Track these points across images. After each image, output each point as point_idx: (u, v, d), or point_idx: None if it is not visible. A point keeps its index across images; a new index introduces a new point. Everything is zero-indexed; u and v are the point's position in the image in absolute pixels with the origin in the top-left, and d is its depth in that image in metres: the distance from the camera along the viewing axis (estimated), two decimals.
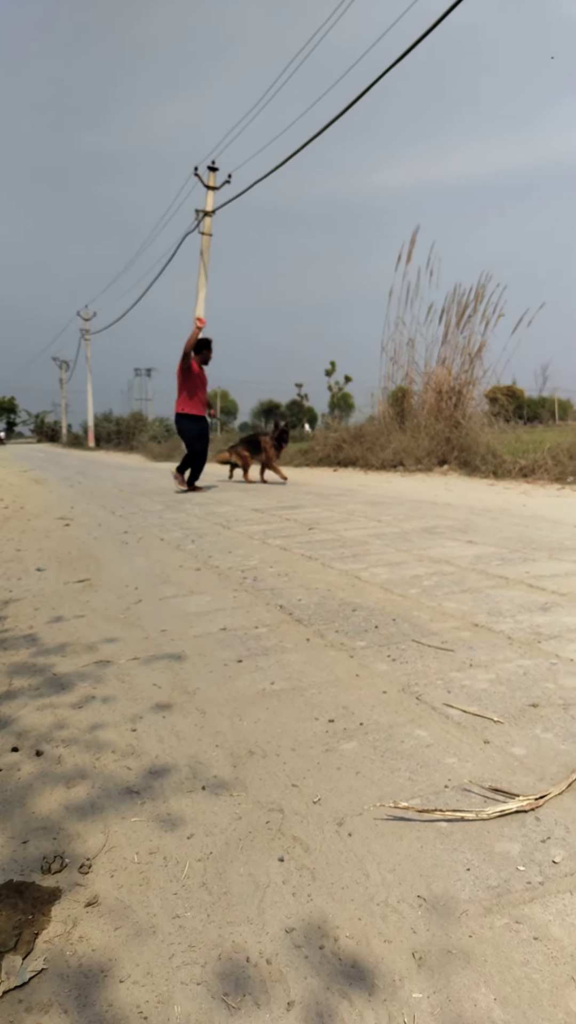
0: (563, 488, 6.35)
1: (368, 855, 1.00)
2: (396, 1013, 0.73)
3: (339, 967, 0.79)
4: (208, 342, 7.39)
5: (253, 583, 2.81)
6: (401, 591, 2.58)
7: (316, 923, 0.86)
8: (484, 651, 1.87)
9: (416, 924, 0.85)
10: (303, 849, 1.02)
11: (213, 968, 0.80)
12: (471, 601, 2.39)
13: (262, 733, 1.43)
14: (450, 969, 0.78)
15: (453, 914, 0.87)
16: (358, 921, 0.86)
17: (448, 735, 1.38)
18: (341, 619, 2.24)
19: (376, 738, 1.38)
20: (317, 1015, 0.73)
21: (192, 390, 7.31)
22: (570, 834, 1.03)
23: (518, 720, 1.43)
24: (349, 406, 22.03)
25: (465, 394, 9.69)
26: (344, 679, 1.71)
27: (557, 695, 1.55)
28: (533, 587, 2.55)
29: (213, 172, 18.57)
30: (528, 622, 2.11)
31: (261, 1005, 0.74)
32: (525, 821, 1.07)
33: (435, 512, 4.97)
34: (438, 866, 0.97)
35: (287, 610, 2.38)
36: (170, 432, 26.18)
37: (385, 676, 1.72)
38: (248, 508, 5.60)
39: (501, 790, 1.15)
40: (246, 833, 1.07)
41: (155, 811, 1.14)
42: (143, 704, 1.60)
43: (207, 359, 7.48)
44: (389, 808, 1.11)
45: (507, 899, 0.89)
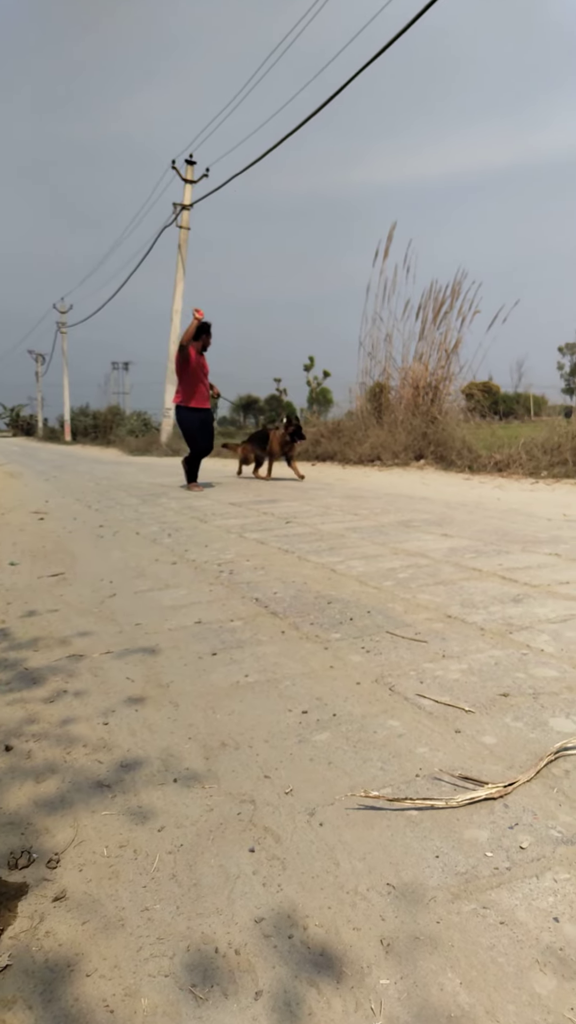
0: (537, 482, 6.42)
1: (339, 844, 1.00)
2: (363, 999, 0.73)
3: (308, 956, 0.79)
4: (207, 326, 6.94)
5: (229, 576, 2.81)
6: (376, 583, 2.59)
7: (286, 913, 0.86)
8: (457, 642, 1.89)
9: (385, 911, 0.86)
10: (274, 839, 1.02)
11: (181, 960, 0.79)
12: (445, 593, 2.41)
13: (235, 725, 1.42)
14: (417, 955, 0.78)
15: (421, 901, 0.87)
16: (327, 910, 0.87)
17: (420, 725, 1.39)
18: (316, 611, 2.25)
19: (349, 729, 1.38)
20: (285, 1004, 0.73)
21: (191, 381, 6.87)
22: (537, 820, 1.04)
23: (489, 709, 1.45)
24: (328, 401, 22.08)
25: (441, 390, 9.75)
26: (318, 671, 1.71)
27: (527, 684, 1.57)
28: (506, 579, 2.57)
29: (191, 166, 18.43)
30: (500, 613, 2.13)
31: (229, 995, 0.74)
32: (494, 808, 1.08)
33: (411, 506, 4.99)
34: (408, 854, 0.97)
35: (263, 603, 2.37)
36: (148, 426, 26.02)
37: (359, 667, 1.72)
38: (226, 502, 5.58)
39: (471, 778, 1.16)
40: (217, 825, 1.06)
41: (126, 804, 1.13)
42: (116, 698, 1.59)
43: (206, 345, 7.01)
44: (360, 797, 1.12)
45: (475, 885, 0.90)
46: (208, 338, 6.93)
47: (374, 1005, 0.72)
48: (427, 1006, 0.71)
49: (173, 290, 18.56)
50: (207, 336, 6.92)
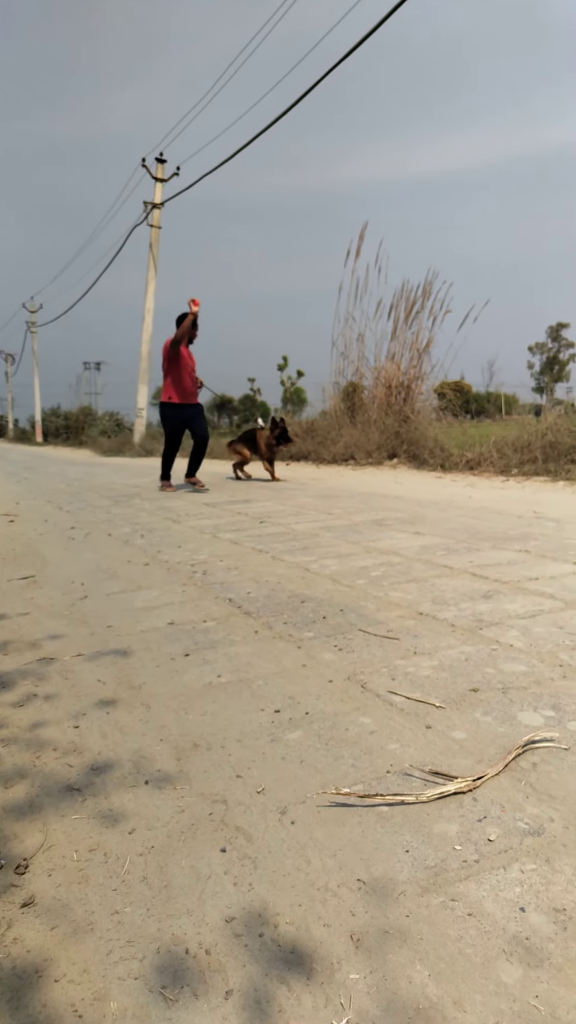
0: (507, 480, 6.51)
1: (310, 842, 1.01)
2: (333, 995, 0.73)
3: (278, 953, 0.79)
4: (193, 316, 6.59)
5: (202, 577, 2.80)
6: (349, 582, 2.61)
7: (256, 911, 0.86)
8: (428, 639, 1.90)
9: (355, 907, 0.86)
10: (246, 839, 1.02)
11: (151, 962, 0.79)
12: (417, 590, 2.43)
13: (208, 726, 1.42)
14: (387, 949, 0.79)
15: (391, 895, 0.88)
16: (298, 907, 0.87)
17: (391, 721, 1.40)
18: (290, 611, 2.25)
19: (321, 727, 1.39)
20: (255, 1002, 0.73)
21: (178, 376, 6.53)
22: (505, 813, 1.06)
23: (459, 705, 1.46)
24: (302, 401, 22.10)
25: (414, 389, 9.83)
26: (291, 670, 1.72)
27: (497, 680, 1.59)
28: (476, 576, 2.60)
29: (161, 164, 18.31)
30: (471, 610, 2.16)
31: (199, 996, 0.74)
32: (463, 802, 1.09)
33: (384, 505, 5.03)
34: (378, 849, 0.98)
35: (236, 603, 2.37)
36: (120, 427, 25.80)
37: (331, 666, 1.73)
38: (199, 502, 5.56)
39: (441, 773, 1.17)
40: (189, 826, 1.06)
41: (96, 808, 1.12)
42: (87, 701, 1.57)
43: (193, 337, 6.71)
44: (331, 795, 1.12)
45: (443, 878, 0.91)
46: (195, 330, 6.65)
47: (343, 1000, 0.72)
48: (396, 999, 0.72)
49: (145, 289, 18.43)
50: (193, 328, 6.64)
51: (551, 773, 1.17)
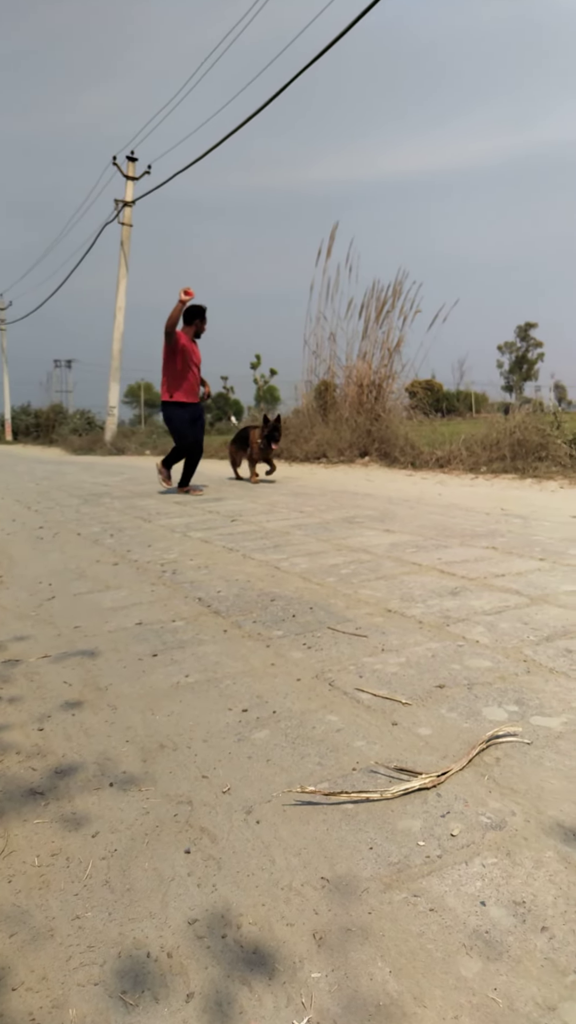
0: (476, 477, 6.59)
1: (275, 841, 1.00)
2: (295, 994, 0.73)
3: (241, 954, 0.79)
4: (201, 311, 6.01)
5: (172, 576, 2.78)
6: (319, 580, 2.61)
7: (220, 912, 0.86)
8: (396, 636, 1.92)
9: (318, 905, 0.87)
10: (210, 840, 1.01)
11: (112, 967, 0.78)
12: (385, 588, 2.44)
13: (174, 726, 1.41)
14: (349, 946, 0.79)
15: (354, 893, 0.89)
16: (262, 907, 0.87)
17: (358, 719, 1.40)
18: (259, 609, 2.25)
19: (288, 725, 1.39)
20: (216, 1004, 0.73)
21: (179, 372, 5.94)
22: (468, 808, 1.07)
23: (425, 701, 1.48)
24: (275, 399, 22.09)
25: (385, 388, 9.88)
26: (259, 669, 1.71)
27: (463, 676, 1.61)
28: (444, 573, 2.63)
29: (132, 162, 18.14)
30: (438, 606, 2.18)
31: (160, 999, 0.73)
32: (427, 798, 1.10)
33: (355, 502, 5.05)
34: (342, 847, 0.98)
35: (205, 602, 2.36)
36: (92, 425, 25.51)
37: (300, 664, 1.73)
38: (170, 501, 5.52)
39: (406, 769, 1.18)
40: (153, 828, 1.05)
41: (59, 811, 1.11)
42: (52, 703, 1.55)
43: (200, 331, 6.06)
44: (297, 793, 1.12)
45: (406, 874, 0.92)
46: (202, 323, 6.07)
47: (305, 999, 0.72)
48: (357, 996, 0.72)
49: (116, 287, 18.26)
50: (201, 321, 6.04)
51: (514, 767, 1.19)
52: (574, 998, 0.71)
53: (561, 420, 7.35)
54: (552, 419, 7.33)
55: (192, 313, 6.01)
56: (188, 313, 6.02)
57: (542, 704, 1.44)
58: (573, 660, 1.68)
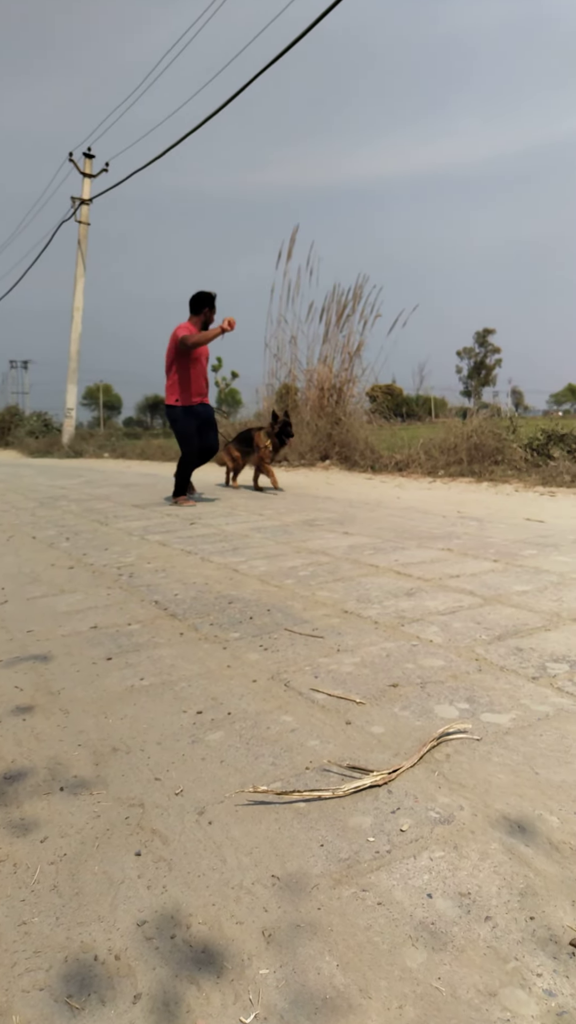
0: (434, 481, 6.69)
1: (226, 841, 1.01)
2: (242, 991, 0.74)
3: (189, 954, 0.79)
4: (211, 298, 5.33)
5: (129, 580, 2.75)
6: (277, 582, 2.62)
7: (169, 913, 0.86)
8: (352, 636, 1.94)
9: (268, 903, 0.87)
10: (161, 841, 1.01)
11: (58, 971, 0.77)
12: (343, 589, 2.47)
13: (128, 729, 1.40)
14: (297, 942, 0.80)
15: (305, 889, 0.89)
16: (212, 907, 0.87)
17: (313, 719, 1.42)
18: (217, 612, 2.24)
19: (243, 726, 1.39)
20: (163, 1004, 0.72)
21: (193, 373, 5.39)
22: (418, 803, 1.09)
23: (379, 700, 1.50)
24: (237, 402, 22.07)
25: (346, 392, 9.96)
26: (215, 671, 1.71)
27: (416, 675, 1.63)
28: (401, 574, 2.67)
29: (89, 159, 17.92)
30: (394, 607, 2.21)
31: (106, 1002, 0.73)
32: (378, 795, 1.12)
33: (315, 505, 5.08)
34: (294, 845, 0.99)
35: (162, 605, 2.35)
36: (49, 427, 25.05)
37: (256, 665, 1.73)
38: (128, 504, 5.47)
39: (358, 767, 1.19)
40: (103, 831, 1.04)
41: (7, 817, 1.09)
42: (2, 708, 1.52)
43: (209, 321, 5.37)
44: (249, 793, 1.13)
45: (356, 869, 0.93)
46: (211, 313, 5.40)
47: (252, 996, 0.73)
48: (304, 991, 0.73)
49: (73, 287, 18.00)
50: (210, 311, 5.38)
51: (463, 763, 1.21)
52: (514, 984, 0.73)
53: (517, 425, 7.53)
54: (508, 424, 7.50)
55: (201, 301, 5.32)
56: (197, 301, 5.34)
57: (492, 701, 1.47)
58: (523, 658, 1.72)
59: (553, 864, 0.93)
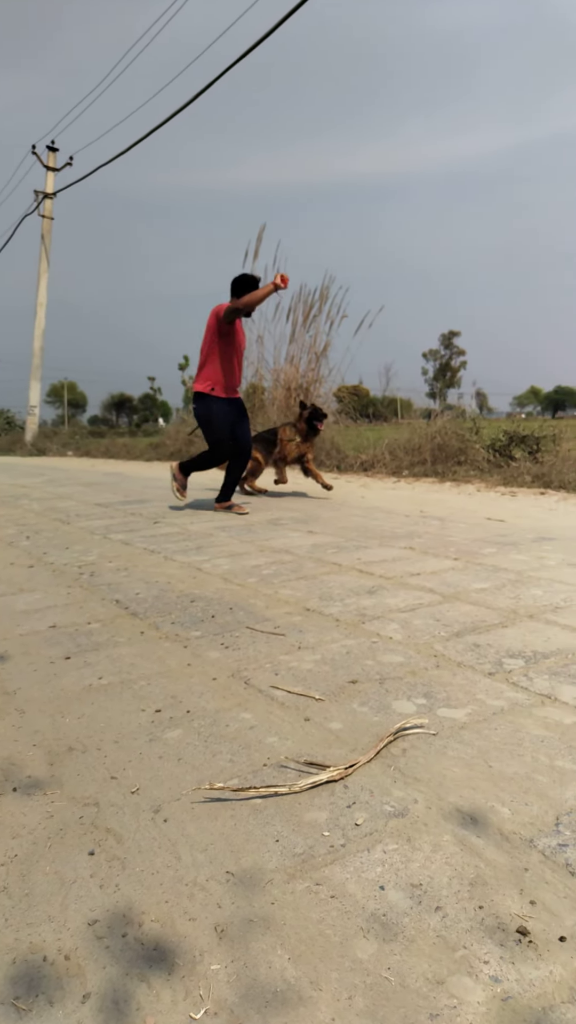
0: (399, 481, 6.76)
1: (181, 838, 1.00)
2: (193, 987, 0.73)
3: (141, 952, 0.79)
4: (256, 281, 4.65)
5: (90, 578, 2.72)
6: (240, 581, 2.62)
7: (122, 911, 0.85)
8: (313, 634, 1.94)
9: (222, 899, 0.87)
10: (116, 840, 1.00)
11: (5, 973, 0.76)
12: (305, 587, 2.47)
13: (84, 729, 1.38)
14: (250, 937, 0.80)
15: (259, 884, 0.89)
16: (165, 904, 0.86)
17: (272, 716, 1.42)
18: (178, 610, 2.23)
19: (201, 724, 1.39)
20: (113, 1003, 0.72)
21: (230, 360, 4.67)
22: (373, 797, 1.10)
23: (338, 696, 1.50)
24: None
25: (312, 392, 10.00)
26: (175, 669, 1.70)
27: (375, 671, 1.65)
28: (363, 572, 2.69)
29: (53, 152, 17.64)
30: (355, 605, 2.23)
31: (55, 1002, 0.72)
32: (335, 790, 1.12)
33: (280, 504, 5.08)
34: (249, 841, 0.99)
35: (123, 604, 2.32)
36: (11, 425, 24.60)
37: (216, 663, 1.73)
38: (91, 503, 5.40)
39: (315, 763, 1.20)
40: (56, 831, 1.03)
41: None
42: None
43: (250, 310, 4.69)
44: (206, 790, 1.12)
45: (310, 864, 0.93)
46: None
47: (203, 991, 0.73)
48: (255, 985, 0.73)
49: (37, 282, 17.70)
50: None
51: (419, 758, 1.23)
52: (462, 971, 0.74)
53: (480, 426, 7.65)
54: (471, 425, 7.61)
55: (246, 284, 4.63)
56: (240, 284, 4.65)
57: (449, 697, 1.50)
58: (480, 654, 1.75)
59: (503, 854, 0.95)
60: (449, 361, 70.51)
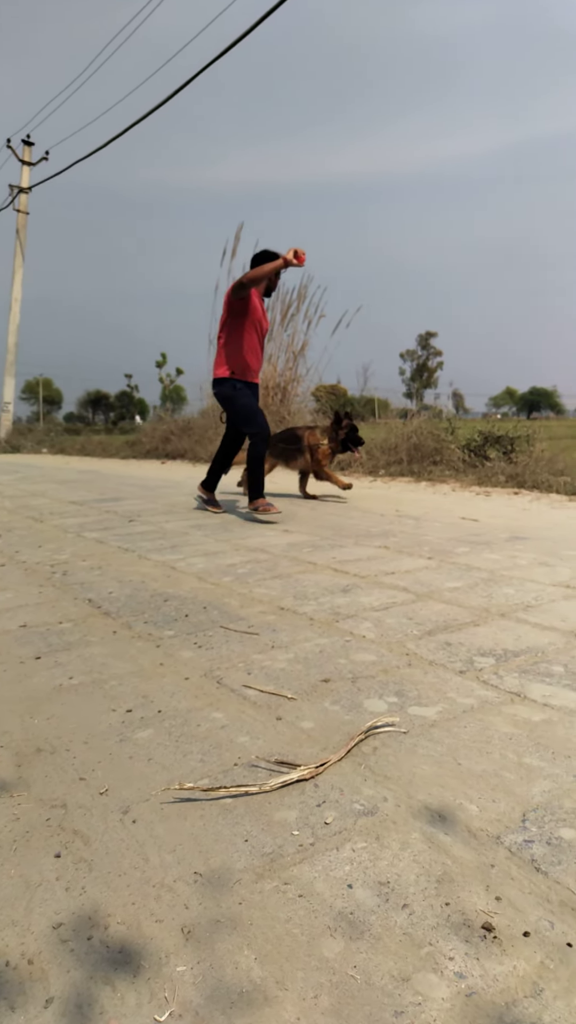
0: (375, 480, 6.79)
1: (150, 839, 0.99)
2: (158, 989, 0.73)
3: (106, 955, 0.78)
4: (273, 257, 4.18)
5: (62, 577, 2.69)
6: (215, 579, 2.61)
7: (87, 914, 0.84)
8: (287, 633, 1.94)
9: (189, 900, 0.86)
10: (83, 842, 0.99)
11: None
12: (280, 586, 2.47)
13: (54, 729, 1.37)
14: (217, 938, 0.80)
15: (227, 885, 0.89)
16: (131, 906, 0.86)
17: (243, 715, 1.41)
18: (152, 610, 2.22)
19: (172, 724, 1.38)
20: (76, 1006, 0.71)
21: (250, 341, 4.26)
22: (343, 796, 1.10)
23: (310, 695, 1.51)
24: (182, 399, 21.84)
25: (290, 391, 10.01)
26: (148, 669, 1.69)
27: (348, 669, 1.65)
28: (337, 571, 2.69)
29: (29, 146, 17.41)
30: (329, 603, 2.23)
31: (16, 1008, 0.71)
32: (305, 789, 1.13)
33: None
34: (218, 841, 0.99)
35: (96, 603, 2.30)
36: None
37: (189, 663, 1.72)
38: (65, 500, 5.34)
39: (286, 762, 1.20)
40: (22, 834, 1.01)
41: None
42: None
43: (273, 286, 4.33)
44: (175, 791, 1.12)
45: (279, 863, 0.93)
46: (276, 278, 4.31)
47: (168, 993, 0.72)
48: (221, 986, 0.73)
49: (12, 277, 17.46)
50: (275, 276, 4.25)
51: (389, 756, 1.23)
52: (427, 968, 0.75)
53: (455, 426, 7.71)
54: (447, 425, 7.67)
55: (263, 259, 4.18)
56: (258, 260, 4.22)
57: (420, 695, 1.51)
58: (452, 653, 1.77)
59: (470, 851, 0.95)
60: (426, 361, 71.01)
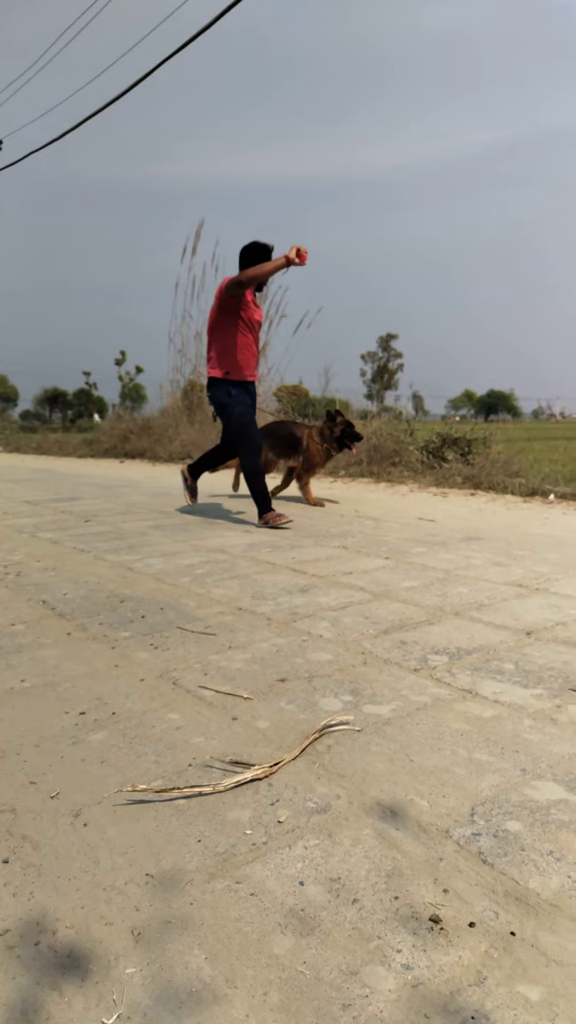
0: (335, 481, 6.83)
1: (101, 842, 0.98)
2: (106, 992, 0.72)
3: (53, 959, 0.77)
4: (268, 251, 3.92)
5: (15, 579, 2.64)
6: (173, 580, 2.59)
7: (35, 920, 0.83)
8: (244, 633, 1.94)
9: (140, 902, 0.86)
10: (32, 847, 0.98)
11: None
12: (238, 587, 2.47)
13: (4, 733, 1.34)
14: (167, 939, 0.80)
15: (178, 885, 0.89)
16: (81, 910, 0.85)
17: (199, 716, 1.41)
18: (108, 611, 2.19)
19: (127, 726, 1.37)
20: (21, 1013, 0.70)
21: (237, 338, 4.01)
22: (297, 794, 1.11)
23: (266, 695, 1.51)
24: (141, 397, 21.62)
25: None
26: (102, 671, 1.67)
27: (304, 669, 1.66)
28: (296, 571, 2.70)
29: None
30: (287, 603, 2.24)
31: None
32: (259, 788, 1.13)
33: (217, 504, 5.05)
34: (171, 842, 0.98)
35: (50, 605, 2.26)
36: None
37: (144, 664, 1.71)
38: (20, 500, 5.24)
39: (241, 762, 1.20)
40: None
41: None
42: None
43: (262, 285, 4.09)
44: (128, 792, 1.11)
45: (231, 863, 0.93)
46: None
47: (116, 996, 0.72)
48: (170, 986, 0.73)
49: None
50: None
51: (343, 754, 1.25)
52: (375, 961, 0.76)
53: (415, 428, 7.81)
54: (406, 427, 7.76)
55: (256, 254, 3.93)
56: (249, 253, 3.95)
57: (375, 693, 1.52)
58: (406, 651, 1.79)
59: (420, 845, 0.97)
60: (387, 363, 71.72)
